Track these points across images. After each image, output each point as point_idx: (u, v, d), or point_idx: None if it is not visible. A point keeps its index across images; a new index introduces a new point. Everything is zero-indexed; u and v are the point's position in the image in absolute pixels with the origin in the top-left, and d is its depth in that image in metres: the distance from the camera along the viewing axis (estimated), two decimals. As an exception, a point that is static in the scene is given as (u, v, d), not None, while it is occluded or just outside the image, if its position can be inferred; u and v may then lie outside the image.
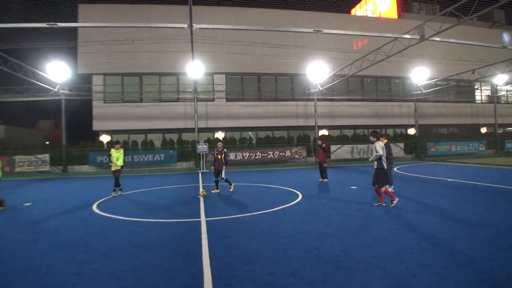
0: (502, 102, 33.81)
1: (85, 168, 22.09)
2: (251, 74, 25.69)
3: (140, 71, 24.36)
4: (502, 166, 18.75)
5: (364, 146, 25.22)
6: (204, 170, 20.37)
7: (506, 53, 21.83)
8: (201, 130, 23.92)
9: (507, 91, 34.15)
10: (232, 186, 11.42)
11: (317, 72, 22.02)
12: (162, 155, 22.47)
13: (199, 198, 10.13)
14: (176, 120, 24.48)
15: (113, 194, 11.08)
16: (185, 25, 14.82)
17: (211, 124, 24.79)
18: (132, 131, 24.67)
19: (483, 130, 32.62)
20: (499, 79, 25.98)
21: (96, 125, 24.21)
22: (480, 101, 33.07)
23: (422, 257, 4.68)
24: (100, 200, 10.12)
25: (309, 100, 25.53)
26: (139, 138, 24.24)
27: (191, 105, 23.97)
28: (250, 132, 26.02)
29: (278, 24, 22.79)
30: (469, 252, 4.78)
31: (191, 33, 15.93)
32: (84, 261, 4.86)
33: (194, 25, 14.76)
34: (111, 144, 23.23)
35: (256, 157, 22.93)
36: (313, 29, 15.69)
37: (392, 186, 10.03)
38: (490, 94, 32.94)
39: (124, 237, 6.12)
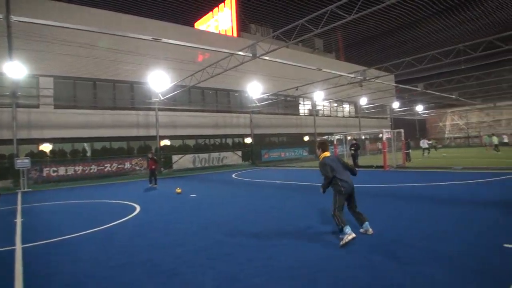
0: (320, 115, 39.88)
1: None
2: (85, 79, 23.40)
3: None
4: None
5: (206, 155, 26.11)
6: (26, 189, 17.35)
7: (322, 74, 25.89)
8: (22, 141, 20.46)
9: (323, 105, 40.53)
10: None
11: (159, 81, 21.74)
12: (-33, 173, 18.33)
13: (15, 222, 8.66)
14: (-12, 129, 20.34)
15: None
16: (0, 16, 12.64)
17: (36, 134, 21.45)
18: None
19: (306, 138, 37.92)
20: (317, 95, 30.76)
21: None
22: (303, 114, 38.29)
23: (251, 252, 5.15)
24: None
25: (150, 109, 24.89)
26: None
27: (8, 112, 20.27)
28: (85, 143, 23.66)
29: (118, 28, 21.36)
30: (293, 242, 5.47)
31: (8, 26, 13.65)
32: None
33: (12, 16, 12.71)
34: None
35: (91, 171, 21.03)
36: (152, 37, 15.48)
37: None
38: (310, 108, 38.44)
39: None
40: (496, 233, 5.51)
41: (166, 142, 26.25)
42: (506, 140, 29.49)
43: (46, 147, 21.87)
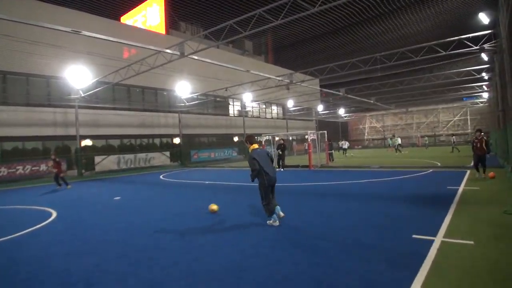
0: (249, 116, 40.45)
1: None
2: (-8, 72, 21.00)
3: None
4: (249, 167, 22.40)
5: (131, 156, 25.02)
6: None
7: (251, 76, 26.25)
8: None
9: (252, 107, 41.18)
10: None
11: (79, 76, 20.36)
12: None
13: None
14: None
15: None
16: None
17: None
18: None
19: (235, 138, 38.19)
20: (247, 97, 31.17)
21: None
22: (232, 115, 38.52)
23: (176, 256, 5.06)
24: None
25: (69, 106, 23.09)
26: None
27: None
28: (-8, 143, 21.24)
29: (33, 17, 19.36)
30: (218, 243, 5.47)
31: None
32: None
33: None
34: None
35: (1, 174, 18.99)
36: (71, 29, 14.44)
37: None
38: (240, 109, 38.82)
39: None
40: (406, 225, 6.09)
41: (87, 142, 24.64)
42: (399, 142, 32.93)
43: None
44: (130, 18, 35.15)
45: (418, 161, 20.78)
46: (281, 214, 6.49)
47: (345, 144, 32.93)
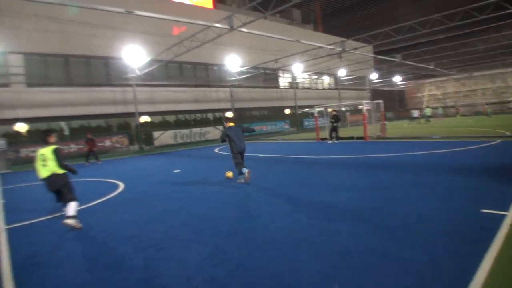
0: (300, 87, 39.89)
1: None
2: (57, 56, 22.50)
3: None
4: (302, 140, 22.35)
5: (187, 131, 25.94)
6: (4, 171, 16.96)
7: (301, 46, 25.70)
8: (-5, 122, 19.83)
9: (303, 78, 40.49)
10: None
11: (134, 56, 21.18)
12: None
13: (-4, 202, 8.52)
14: (-44, 110, 19.51)
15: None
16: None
17: (8, 114, 20.69)
18: None
19: (287, 111, 38.01)
20: (297, 68, 30.65)
21: None
22: (283, 87, 38.19)
23: (234, 224, 5.29)
24: None
25: (127, 85, 24.28)
26: None
27: (-23, 92, 19.49)
28: (62, 122, 23.03)
29: (88, 0, 20.33)
30: (276, 213, 5.60)
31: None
32: None
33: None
34: None
35: (71, 150, 20.62)
36: (125, 10, 14.92)
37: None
38: (290, 80, 38.35)
39: None
40: (473, 199, 5.69)
41: (146, 119, 25.88)
42: (428, 114, 32.15)
43: (22, 127, 21.23)
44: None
45: (484, 130, 19.38)
46: (247, 175, 8.36)
47: (416, 113, 33.23)
